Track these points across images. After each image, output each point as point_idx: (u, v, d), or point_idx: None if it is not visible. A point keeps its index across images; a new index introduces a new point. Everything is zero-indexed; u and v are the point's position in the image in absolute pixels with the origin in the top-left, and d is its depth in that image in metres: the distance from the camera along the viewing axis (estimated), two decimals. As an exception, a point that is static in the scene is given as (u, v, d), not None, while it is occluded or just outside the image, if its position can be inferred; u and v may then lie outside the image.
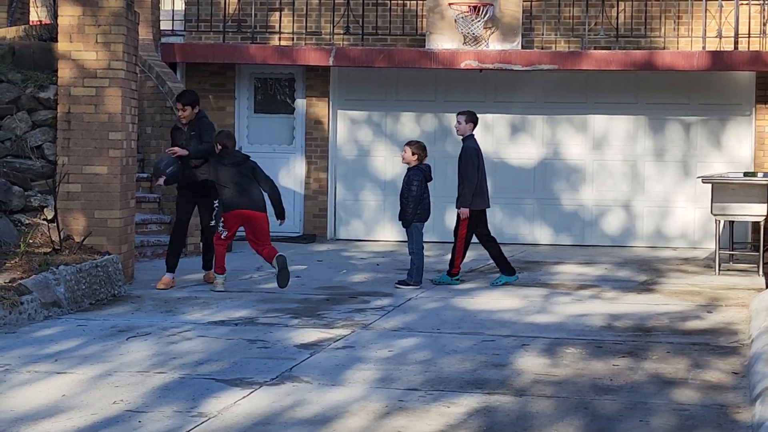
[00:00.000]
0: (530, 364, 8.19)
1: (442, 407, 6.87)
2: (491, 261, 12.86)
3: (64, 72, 11.82)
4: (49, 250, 11.10)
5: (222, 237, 11.69)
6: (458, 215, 12.40)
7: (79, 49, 11.76)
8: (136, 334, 9.14)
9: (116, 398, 7.01)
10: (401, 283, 12.08)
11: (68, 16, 11.79)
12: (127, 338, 8.98)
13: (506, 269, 12.32)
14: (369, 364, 8.10)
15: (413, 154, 12.15)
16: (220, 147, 11.73)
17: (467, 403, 6.98)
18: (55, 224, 11.48)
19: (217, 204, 11.95)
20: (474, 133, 12.51)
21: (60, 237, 11.30)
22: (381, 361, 8.21)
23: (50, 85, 12.27)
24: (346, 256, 14.95)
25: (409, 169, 12.19)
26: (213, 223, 11.98)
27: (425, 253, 12.33)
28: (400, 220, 12.30)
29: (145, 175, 14.84)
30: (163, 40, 16.75)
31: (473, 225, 12.33)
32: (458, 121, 12.49)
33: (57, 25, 12.01)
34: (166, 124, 14.85)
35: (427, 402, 7.00)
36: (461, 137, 12.51)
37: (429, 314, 10.38)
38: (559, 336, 9.30)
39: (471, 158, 12.22)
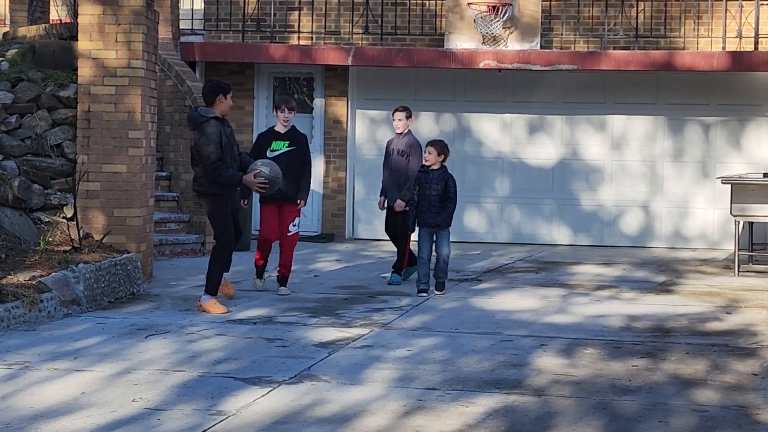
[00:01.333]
0: (549, 364, 8.18)
1: (461, 407, 6.87)
2: (509, 261, 12.82)
3: (84, 71, 11.86)
4: (68, 248, 11.14)
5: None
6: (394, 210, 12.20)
7: (99, 47, 11.80)
8: (155, 333, 9.16)
9: (135, 396, 7.03)
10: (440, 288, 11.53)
11: (88, 14, 11.83)
12: (146, 336, 9.00)
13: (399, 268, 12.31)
14: (388, 364, 8.10)
15: (439, 154, 11.35)
16: None
17: (486, 402, 6.98)
18: (75, 222, 11.52)
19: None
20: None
21: (79, 235, 11.34)
22: (400, 361, 8.21)
23: (70, 84, 12.31)
24: (365, 255, 14.95)
25: (431, 169, 11.38)
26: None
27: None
28: (434, 224, 11.40)
29: (164, 174, 14.88)
30: (183, 39, 16.79)
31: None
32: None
33: (77, 23, 12.05)
34: (185, 123, 14.86)
35: (446, 401, 7.00)
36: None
37: (447, 314, 10.38)
38: (578, 336, 9.29)
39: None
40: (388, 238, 12.69)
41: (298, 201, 11.49)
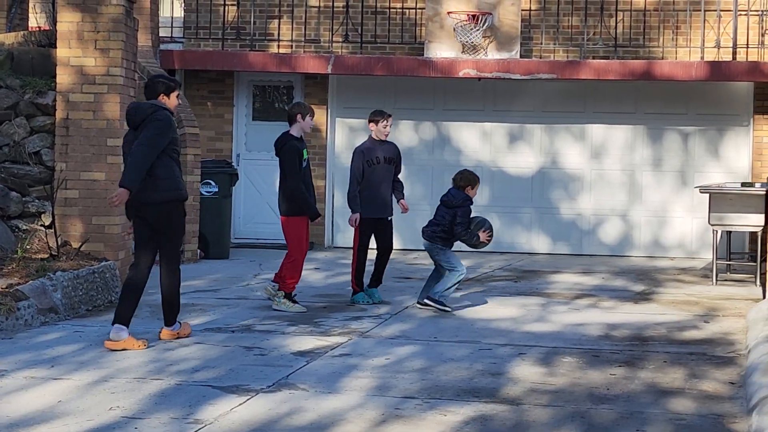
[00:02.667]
0: (527, 373, 8.18)
1: (439, 415, 6.87)
2: (488, 270, 12.82)
3: (63, 78, 11.83)
4: (46, 256, 11.10)
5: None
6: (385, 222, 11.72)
7: (78, 55, 11.77)
8: (133, 341, 9.12)
9: (112, 404, 7.00)
10: (438, 303, 10.94)
11: (67, 22, 11.80)
12: (124, 345, 8.96)
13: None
14: (366, 372, 8.09)
15: (473, 189, 11.17)
16: None
17: (463, 411, 6.98)
18: (53, 230, 11.47)
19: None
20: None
21: (57, 243, 11.30)
22: (378, 369, 8.20)
23: (49, 91, 12.28)
24: (344, 264, 14.93)
25: (465, 199, 11.06)
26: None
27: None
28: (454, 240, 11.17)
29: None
30: (162, 46, 16.77)
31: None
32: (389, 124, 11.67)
33: (56, 31, 12.02)
34: (164, 131, 14.83)
35: (424, 410, 7.00)
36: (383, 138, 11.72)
37: (426, 322, 10.37)
38: (556, 345, 9.30)
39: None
40: (372, 247, 12.09)
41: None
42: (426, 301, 10.98)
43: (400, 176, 11.89)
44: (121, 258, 11.78)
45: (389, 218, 11.66)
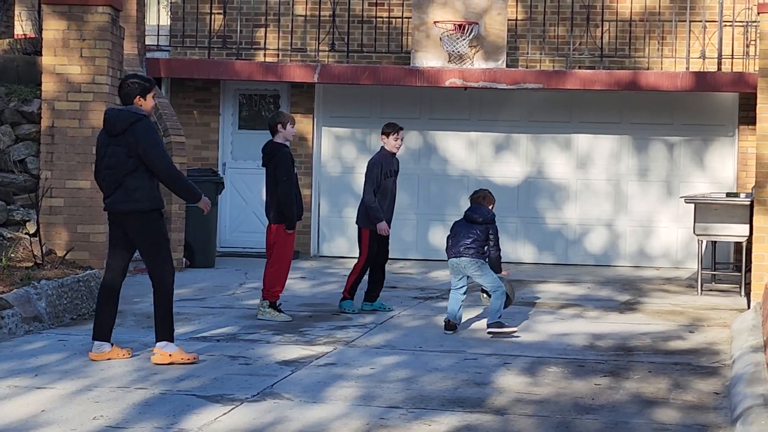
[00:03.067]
0: (512, 382, 8.18)
1: (423, 425, 6.86)
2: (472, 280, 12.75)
3: (48, 86, 11.81)
4: (30, 264, 11.06)
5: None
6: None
7: (64, 63, 11.76)
8: (117, 350, 9.09)
9: (96, 414, 6.98)
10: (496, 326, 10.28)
11: (53, 30, 11.79)
12: (108, 353, 8.94)
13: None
14: (350, 382, 8.08)
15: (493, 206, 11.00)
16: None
17: (448, 421, 6.97)
18: (38, 238, 11.45)
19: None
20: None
21: (42, 251, 11.27)
22: (363, 379, 8.19)
23: (34, 99, 12.26)
24: (329, 273, 14.93)
25: (493, 215, 10.82)
26: None
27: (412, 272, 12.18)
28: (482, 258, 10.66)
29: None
30: (148, 55, 16.74)
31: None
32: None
33: (41, 38, 12.01)
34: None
35: (408, 420, 6.99)
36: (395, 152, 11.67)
37: (411, 332, 10.37)
38: (541, 355, 9.30)
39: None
40: (354, 256, 12.10)
41: None
42: (493, 331, 10.15)
43: None
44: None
45: None
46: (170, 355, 8.57)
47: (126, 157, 8.52)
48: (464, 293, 10.50)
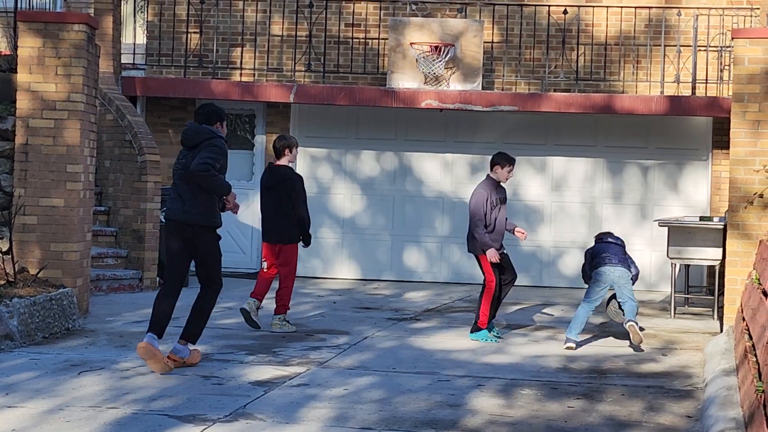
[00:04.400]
0: (485, 404, 8.18)
1: (397, 447, 6.85)
2: (448, 301, 12.79)
3: (23, 103, 11.76)
4: (3, 282, 10.99)
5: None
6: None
7: (39, 80, 11.72)
8: (90, 369, 9.06)
9: (67, 433, 6.94)
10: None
11: (28, 47, 11.75)
12: (80, 372, 8.90)
13: None
14: (324, 402, 8.06)
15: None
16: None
17: (421, 443, 6.96)
18: (10, 256, 11.37)
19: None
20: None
21: (14, 269, 11.20)
22: (336, 400, 8.17)
23: (8, 116, 12.20)
24: (303, 293, 14.90)
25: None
26: None
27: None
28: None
29: (102, 208, 14.77)
30: (124, 73, 16.72)
31: None
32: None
33: (17, 55, 11.96)
34: (124, 158, 14.80)
35: (382, 441, 6.97)
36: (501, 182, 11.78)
37: (385, 353, 10.36)
38: (515, 377, 9.30)
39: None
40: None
41: None
42: (634, 326, 11.05)
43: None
44: (79, 285, 11.70)
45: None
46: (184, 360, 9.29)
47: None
48: (590, 305, 11.34)
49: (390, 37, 16.42)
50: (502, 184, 11.72)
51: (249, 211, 17.17)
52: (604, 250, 11.49)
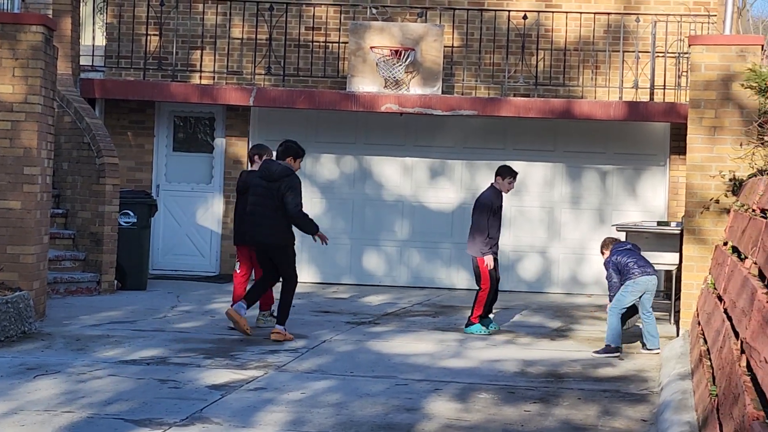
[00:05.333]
0: (442, 408, 8.19)
1: (353, 451, 6.84)
2: (407, 305, 12.81)
3: (-20, 105, 11.67)
4: (-42, 285, 10.91)
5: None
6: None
7: (-5, 82, 11.63)
8: (45, 372, 9.00)
9: (21, 437, 6.89)
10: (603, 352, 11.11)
11: (-15, 48, 11.66)
12: (35, 376, 8.84)
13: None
14: (281, 406, 8.05)
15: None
16: None
17: (378, 447, 6.96)
18: (-34, 259, 11.30)
19: None
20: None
21: (-30, 272, 11.12)
22: (293, 404, 8.16)
23: (-35, 118, 12.10)
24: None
25: None
26: None
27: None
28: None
29: (60, 211, 14.68)
30: (83, 75, 16.63)
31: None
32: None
33: (-27, 57, 11.87)
34: (83, 160, 14.72)
35: (338, 445, 6.97)
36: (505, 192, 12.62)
37: (343, 357, 10.35)
38: (472, 381, 9.32)
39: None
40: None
41: None
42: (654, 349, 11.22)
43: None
44: (35, 288, 11.62)
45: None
46: (285, 334, 11.06)
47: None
48: (628, 314, 11.51)
49: (350, 40, 16.43)
50: (503, 193, 12.57)
51: (208, 215, 17.13)
52: (634, 259, 11.41)
